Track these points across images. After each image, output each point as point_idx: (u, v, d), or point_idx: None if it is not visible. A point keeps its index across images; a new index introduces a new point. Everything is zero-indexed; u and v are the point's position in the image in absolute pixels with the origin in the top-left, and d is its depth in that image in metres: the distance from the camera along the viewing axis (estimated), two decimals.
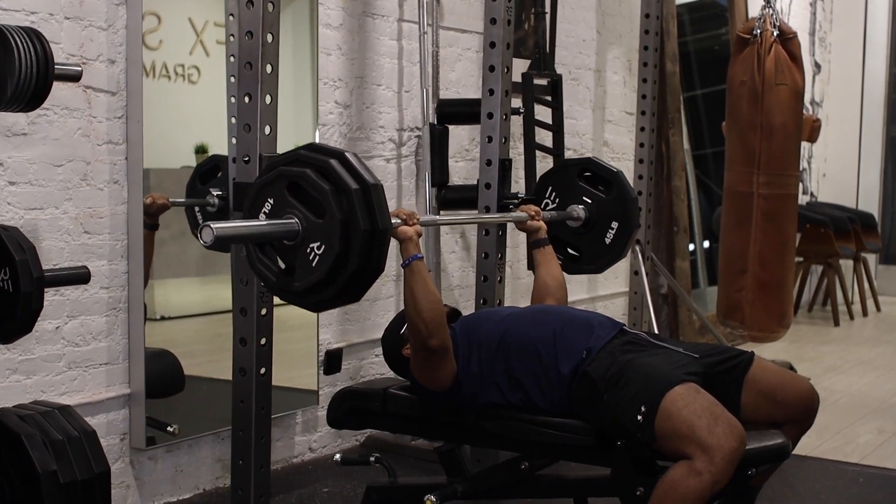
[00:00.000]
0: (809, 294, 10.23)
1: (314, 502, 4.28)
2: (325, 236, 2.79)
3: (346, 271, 2.80)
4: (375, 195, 2.82)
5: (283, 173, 2.88)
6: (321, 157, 2.86)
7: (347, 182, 2.80)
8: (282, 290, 2.94)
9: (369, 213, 2.80)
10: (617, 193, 4.36)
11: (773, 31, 5.83)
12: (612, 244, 4.36)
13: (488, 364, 3.40)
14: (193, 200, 4.32)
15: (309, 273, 2.83)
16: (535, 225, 4.09)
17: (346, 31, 4.86)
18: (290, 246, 2.86)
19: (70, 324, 3.81)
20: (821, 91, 10.59)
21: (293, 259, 2.87)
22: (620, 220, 4.35)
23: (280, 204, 2.86)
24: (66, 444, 2.86)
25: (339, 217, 2.78)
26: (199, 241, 2.72)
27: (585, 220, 4.37)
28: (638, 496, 3.13)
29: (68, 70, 2.99)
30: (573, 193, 4.40)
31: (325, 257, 2.80)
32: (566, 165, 4.55)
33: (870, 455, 5.13)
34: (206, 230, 2.69)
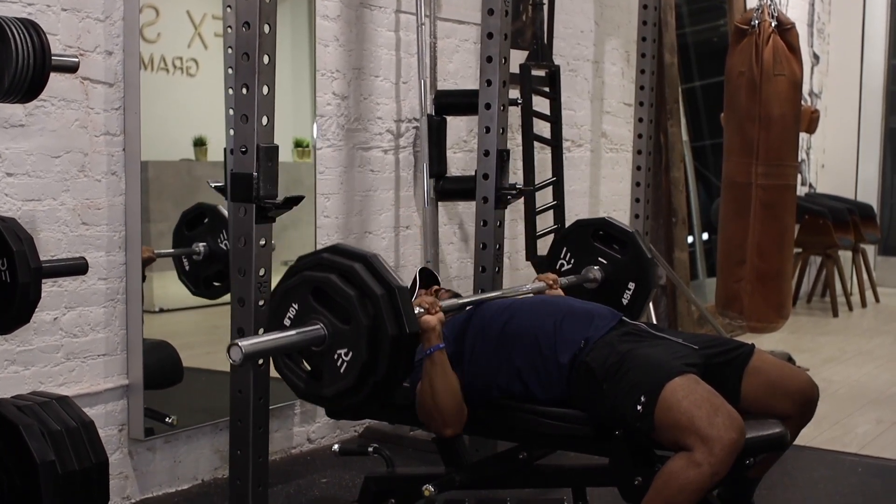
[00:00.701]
0: (808, 285, 10.23)
1: (312, 493, 4.28)
2: (352, 343, 2.78)
3: (375, 377, 2.79)
4: (402, 298, 2.80)
5: (307, 279, 2.87)
6: (345, 261, 2.85)
7: (372, 287, 2.79)
8: (311, 395, 2.95)
9: (396, 318, 2.78)
10: (632, 254, 4.33)
11: (771, 21, 5.83)
12: (629, 305, 4.29)
13: (488, 356, 3.40)
14: (179, 250, 4.36)
15: (337, 379, 2.82)
16: (554, 294, 4.04)
17: (344, 22, 4.86)
18: (318, 351, 2.85)
19: (68, 315, 3.81)
20: (819, 82, 10.58)
21: (320, 363, 2.86)
22: (637, 281, 4.31)
23: (305, 309, 2.86)
24: (65, 434, 2.86)
25: (366, 323, 2.76)
26: (228, 359, 2.69)
27: (602, 281, 4.34)
28: (636, 486, 3.13)
29: (65, 61, 2.99)
30: (588, 254, 4.38)
31: (353, 364, 2.79)
32: (579, 226, 4.50)
33: (868, 445, 5.13)
34: (235, 349, 2.67)
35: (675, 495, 2.94)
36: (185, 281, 4.38)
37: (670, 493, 2.95)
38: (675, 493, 2.94)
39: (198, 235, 4.36)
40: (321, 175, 4.78)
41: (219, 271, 4.36)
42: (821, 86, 10.61)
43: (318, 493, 4.28)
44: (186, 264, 4.37)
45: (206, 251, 4.35)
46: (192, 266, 4.37)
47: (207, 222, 4.37)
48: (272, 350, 2.86)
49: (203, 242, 4.35)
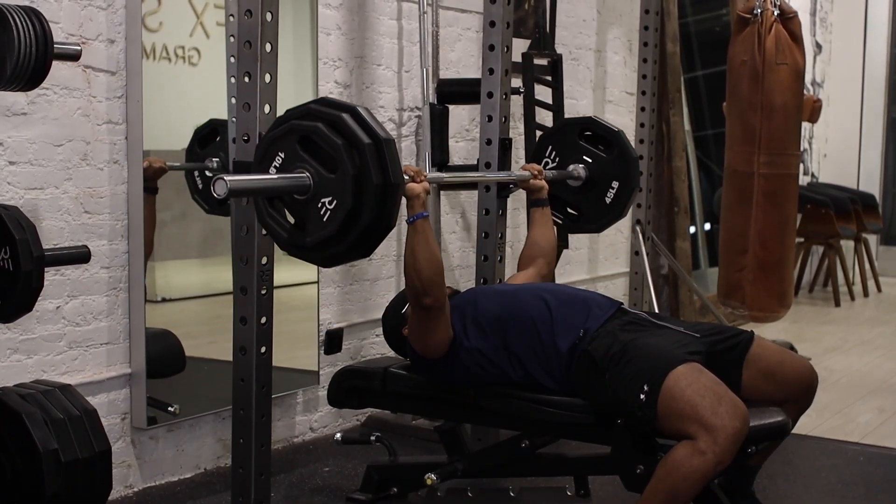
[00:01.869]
0: (810, 274, 10.23)
1: (315, 482, 4.29)
2: (337, 191, 2.79)
3: (359, 226, 2.80)
4: (388, 150, 2.82)
5: (295, 127, 2.87)
6: (333, 111, 2.85)
7: (360, 136, 2.79)
8: (292, 245, 2.94)
9: (382, 168, 2.79)
10: (618, 153, 4.34)
11: (773, 10, 5.81)
12: (612, 204, 4.33)
13: (486, 340, 3.40)
14: (192, 165, 4.31)
15: (320, 228, 2.83)
16: (538, 184, 4.08)
17: (346, 10, 4.86)
18: (301, 201, 2.86)
19: (71, 303, 3.81)
20: (822, 71, 10.58)
21: (304, 214, 2.87)
22: (621, 180, 4.33)
23: (291, 158, 2.87)
24: (67, 423, 2.86)
25: (352, 172, 2.77)
26: (213, 192, 2.72)
27: (586, 179, 4.35)
28: (638, 474, 3.14)
29: (68, 49, 2.99)
30: (573, 153, 4.38)
31: (337, 212, 2.80)
32: (567, 124, 4.51)
33: (870, 434, 5.14)
34: (220, 182, 2.70)
35: (679, 484, 2.95)
36: (198, 199, 4.31)
37: (674, 481, 2.95)
38: (679, 482, 2.95)
39: (210, 151, 4.32)
40: None
41: None
42: (823, 75, 10.61)
43: (321, 482, 4.28)
44: (199, 182, 4.31)
45: (220, 166, 4.31)
46: (205, 182, 4.31)
47: (220, 139, 4.33)
48: (256, 190, 2.90)
49: (216, 158, 4.32)
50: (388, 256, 5.16)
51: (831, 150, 10.87)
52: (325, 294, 4.85)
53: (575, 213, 4.45)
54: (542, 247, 4.03)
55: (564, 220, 4.43)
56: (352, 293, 5.01)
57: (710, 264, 8.31)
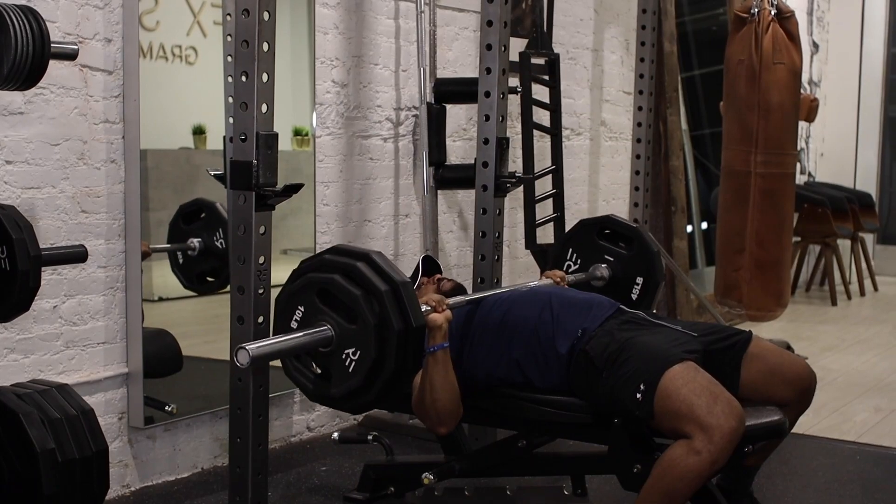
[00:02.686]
0: (807, 274, 10.24)
1: (312, 481, 4.29)
2: (360, 341, 2.80)
3: (384, 374, 2.81)
4: (406, 293, 2.82)
5: (312, 280, 2.89)
6: (348, 260, 2.86)
7: (377, 285, 2.80)
8: (321, 396, 2.96)
9: (401, 313, 2.80)
10: (638, 249, 4.34)
11: (770, 9, 5.82)
12: (639, 300, 4.30)
13: (488, 346, 3.40)
14: (175, 246, 4.36)
15: (346, 379, 2.85)
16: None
17: (344, 9, 4.85)
18: (326, 352, 2.86)
19: (68, 303, 3.81)
20: (819, 71, 10.58)
21: (328, 364, 2.88)
22: (645, 275, 4.32)
23: (311, 311, 2.88)
24: (64, 422, 2.86)
25: (373, 322, 2.78)
26: (236, 363, 2.70)
27: (610, 278, 4.34)
28: (635, 473, 3.14)
29: (65, 49, 2.99)
30: (594, 253, 4.39)
31: (362, 363, 2.81)
32: (584, 225, 4.50)
33: (867, 433, 5.14)
34: (242, 353, 2.68)
35: (675, 483, 2.94)
36: (177, 274, 4.38)
37: (670, 480, 2.95)
38: (675, 481, 2.94)
39: (194, 230, 4.36)
40: (320, 163, 4.78)
41: (213, 267, 4.37)
42: (820, 74, 10.61)
43: (318, 481, 4.28)
44: (180, 258, 4.37)
45: (202, 247, 4.35)
46: (187, 260, 4.38)
47: (204, 218, 4.37)
48: (279, 352, 2.86)
49: (198, 238, 4.35)
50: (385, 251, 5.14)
51: (828, 149, 10.87)
52: None
53: None
54: None
55: None
56: None
57: (707, 263, 8.31)
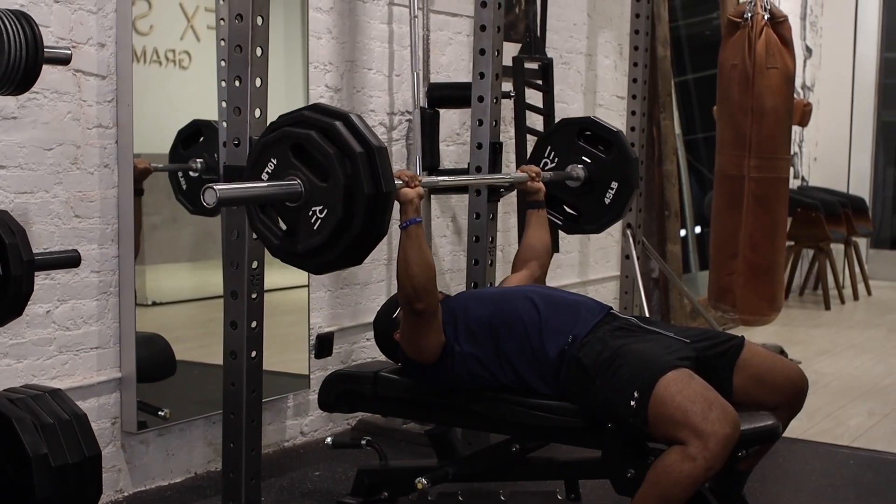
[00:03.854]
0: (801, 278, 10.24)
1: (305, 486, 4.28)
2: (328, 200, 2.79)
3: (349, 235, 2.80)
4: (380, 158, 2.81)
5: (288, 134, 2.86)
6: (326, 118, 2.84)
7: (352, 145, 2.79)
8: (283, 251, 2.94)
9: (373, 177, 2.79)
10: (617, 153, 4.32)
11: (763, 14, 5.83)
12: (611, 204, 4.31)
13: (478, 344, 3.40)
14: (175, 166, 4.31)
15: (311, 236, 2.83)
16: (535, 186, 4.06)
17: (337, 14, 4.86)
18: (293, 208, 2.85)
19: (61, 308, 3.80)
20: (812, 75, 10.59)
21: (295, 221, 2.87)
22: (620, 181, 4.31)
23: (283, 164, 2.86)
24: (57, 427, 2.85)
25: (343, 182, 2.77)
26: (202, 202, 2.70)
27: (585, 180, 4.33)
28: (628, 478, 3.14)
29: (58, 53, 2.98)
30: (572, 153, 4.36)
31: (328, 221, 2.80)
32: (566, 125, 4.49)
33: (860, 437, 5.15)
34: (210, 192, 2.68)
35: (670, 489, 2.95)
36: (182, 200, 4.30)
37: (665, 486, 2.96)
38: (670, 487, 2.95)
39: (194, 152, 4.31)
40: None
41: None
42: (813, 79, 10.62)
43: (311, 486, 4.28)
44: (183, 183, 4.30)
45: (204, 167, 4.28)
46: (189, 183, 4.31)
47: (203, 140, 4.33)
48: (246, 198, 2.88)
49: (200, 159, 4.31)
50: (378, 260, 5.16)
51: (821, 153, 10.88)
52: (315, 298, 4.84)
53: (574, 213, 4.42)
54: (536, 249, 4.02)
55: (563, 220, 4.42)
56: (342, 297, 5.01)
57: (700, 268, 8.32)
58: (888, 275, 11.02)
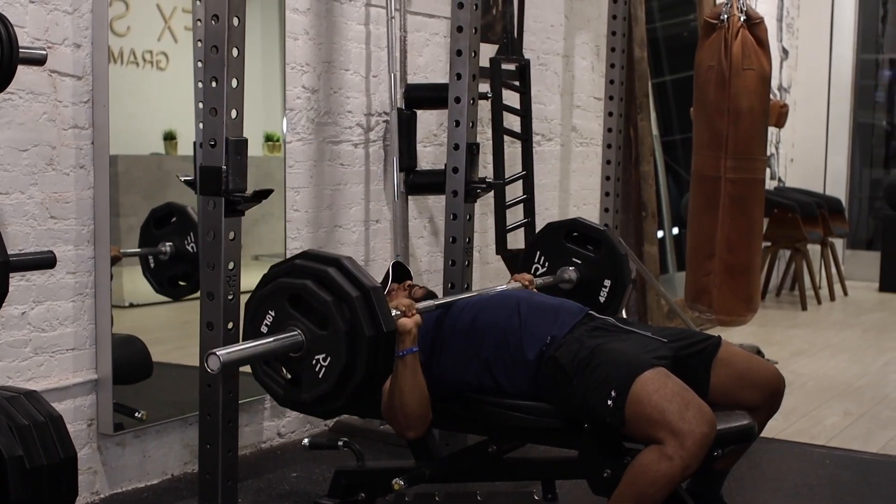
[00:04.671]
0: (777, 278, 10.28)
1: (283, 487, 4.28)
2: (331, 347, 2.80)
3: (354, 380, 2.81)
4: (377, 299, 2.83)
5: (283, 286, 2.89)
6: (319, 265, 2.86)
7: (348, 290, 2.81)
8: (291, 402, 2.96)
9: (372, 319, 2.80)
10: (606, 251, 4.33)
11: (740, 16, 5.85)
12: (607, 302, 4.30)
13: (458, 349, 3.40)
14: (146, 250, 4.35)
15: (316, 385, 2.84)
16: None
17: (314, 15, 4.85)
18: (296, 357, 2.86)
19: (36, 309, 3.79)
20: (788, 76, 10.63)
21: (299, 370, 2.88)
22: (613, 278, 4.31)
23: (281, 316, 2.88)
24: (33, 429, 2.84)
25: (344, 328, 2.78)
26: (206, 369, 2.71)
27: (578, 281, 4.32)
28: (605, 478, 3.15)
29: (33, 54, 2.97)
30: (562, 256, 4.37)
31: (332, 368, 2.82)
32: (552, 228, 4.49)
33: (836, 437, 5.17)
34: (213, 359, 2.68)
35: (647, 488, 2.96)
36: (149, 278, 4.36)
37: (642, 486, 2.96)
38: (647, 486, 2.95)
39: (165, 235, 4.34)
40: (291, 169, 4.77)
41: (184, 272, 4.35)
42: (790, 80, 10.66)
43: (289, 488, 4.28)
44: (152, 262, 4.36)
45: (173, 251, 4.33)
46: (158, 265, 4.36)
47: (175, 222, 4.35)
48: (250, 358, 2.86)
49: (170, 242, 4.34)
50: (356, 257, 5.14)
51: (798, 154, 10.92)
52: None
53: None
54: None
55: None
56: None
57: (678, 268, 8.34)
58: (864, 275, 11.07)
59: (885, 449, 4.98)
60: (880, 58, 12.05)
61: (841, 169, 11.30)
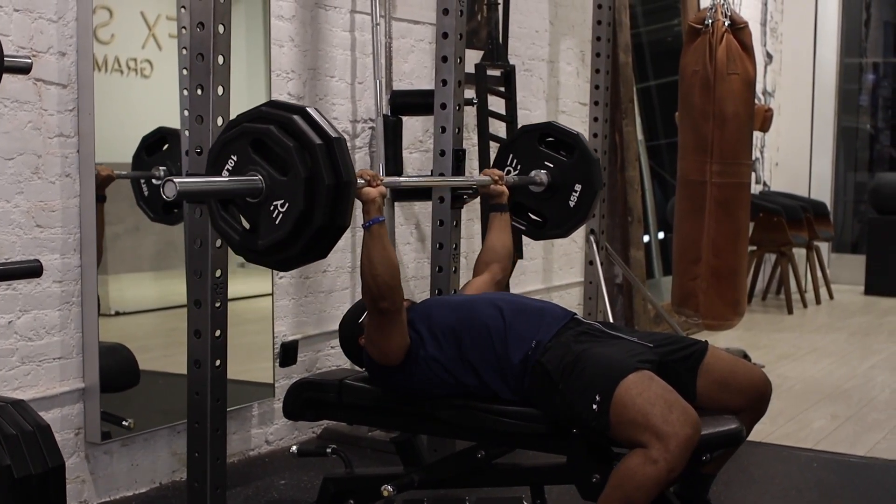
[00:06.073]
0: (763, 282, 10.31)
1: (271, 495, 4.27)
2: (289, 193, 2.77)
3: (311, 228, 2.77)
4: (339, 149, 2.79)
5: (247, 130, 2.84)
6: (284, 113, 2.83)
7: (311, 137, 2.77)
8: (245, 248, 2.90)
9: (333, 168, 2.77)
10: (579, 156, 4.30)
11: (724, 20, 5.86)
12: (576, 207, 4.28)
13: (442, 350, 3.39)
14: (139, 173, 4.29)
15: (273, 231, 2.80)
16: (498, 189, 4.03)
17: (299, 22, 4.85)
18: (254, 204, 2.83)
19: (23, 318, 3.78)
20: (773, 81, 10.66)
21: (257, 217, 2.84)
22: (584, 183, 4.29)
23: (243, 161, 2.83)
24: (20, 438, 2.84)
25: (304, 174, 2.75)
26: (162, 195, 2.67)
27: (549, 184, 4.30)
28: (594, 483, 3.15)
29: (18, 62, 2.97)
30: (535, 159, 4.33)
31: (289, 214, 2.77)
32: (526, 131, 4.45)
33: (823, 440, 5.18)
34: (169, 185, 2.64)
35: (633, 492, 2.95)
36: (143, 206, 4.29)
37: (628, 490, 2.96)
38: (633, 490, 2.95)
39: (158, 160, 4.30)
40: None
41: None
42: (774, 84, 10.70)
43: (277, 495, 4.27)
44: (145, 189, 4.29)
45: (167, 174, 4.27)
46: (152, 191, 4.30)
47: (168, 147, 4.31)
48: (206, 192, 2.85)
49: (163, 167, 4.29)
50: (342, 268, 5.16)
51: (783, 158, 10.96)
52: (279, 306, 4.84)
53: (539, 219, 4.40)
54: (498, 252, 4.02)
55: (528, 226, 4.40)
56: (307, 305, 5.00)
57: (664, 273, 8.35)
58: (849, 279, 11.12)
59: (872, 452, 5.00)
60: (864, 62, 12.11)
61: (825, 173, 11.35)
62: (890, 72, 12.31)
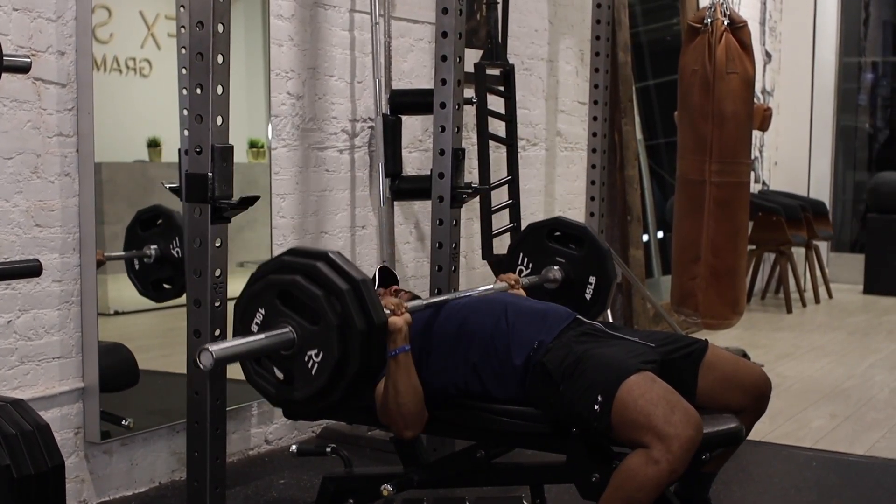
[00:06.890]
0: (762, 282, 10.30)
1: (270, 494, 4.27)
2: (323, 342, 2.76)
3: (348, 374, 2.77)
4: (366, 291, 2.79)
5: (272, 282, 2.84)
6: (308, 260, 2.83)
7: (338, 284, 2.77)
8: (283, 401, 2.92)
9: (363, 312, 2.76)
10: (589, 248, 4.30)
11: (723, 20, 5.86)
12: (593, 300, 4.26)
13: (446, 354, 3.39)
14: (130, 254, 4.33)
15: (310, 381, 2.79)
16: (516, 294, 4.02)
17: (298, 21, 4.85)
18: (288, 356, 2.82)
19: (22, 318, 3.78)
20: (772, 80, 10.66)
21: (291, 367, 2.83)
22: (598, 275, 4.28)
23: (272, 314, 2.83)
24: (20, 438, 2.83)
25: (335, 322, 2.74)
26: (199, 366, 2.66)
27: (563, 280, 4.30)
28: (594, 482, 3.15)
29: (17, 62, 2.96)
30: (545, 256, 4.34)
31: (325, 364, 2.77)
32: (533, 229, 4.46)
33: (822, 439, 5.18)
34: (206, 354, 2.63)
35: (634, 493, 2.95)
36: (133, 280, 4.34)
37: (629, 490, 2.96)
38: (634, 491, 2.95)
39: (150, 237, 4.33)
40: (276, 175, 4.77)
41: (169, 275, 4.34)
42: (773, 83, 10.69)
43: (276, 495, 4.27)
44: (136, 264, 4.34)
45: (157, 254, 4.31)
46: (142, 267, 4.35)
47: (161, 224, 4.34)
48: (242, 354, 2.83)
49: (155, 245, 4.32)
50: None
51: (782, 157, 10.95)
52: None
53: None
54: None
55: None
56: None
57: (663, 272, 8.35)
58: (848, 278, 11.11)
59: (871, 451, 5.00)
60: (863, 61, 12.10)
61: (825, 172, 11.34)
62: (889, 71, 12.30)
